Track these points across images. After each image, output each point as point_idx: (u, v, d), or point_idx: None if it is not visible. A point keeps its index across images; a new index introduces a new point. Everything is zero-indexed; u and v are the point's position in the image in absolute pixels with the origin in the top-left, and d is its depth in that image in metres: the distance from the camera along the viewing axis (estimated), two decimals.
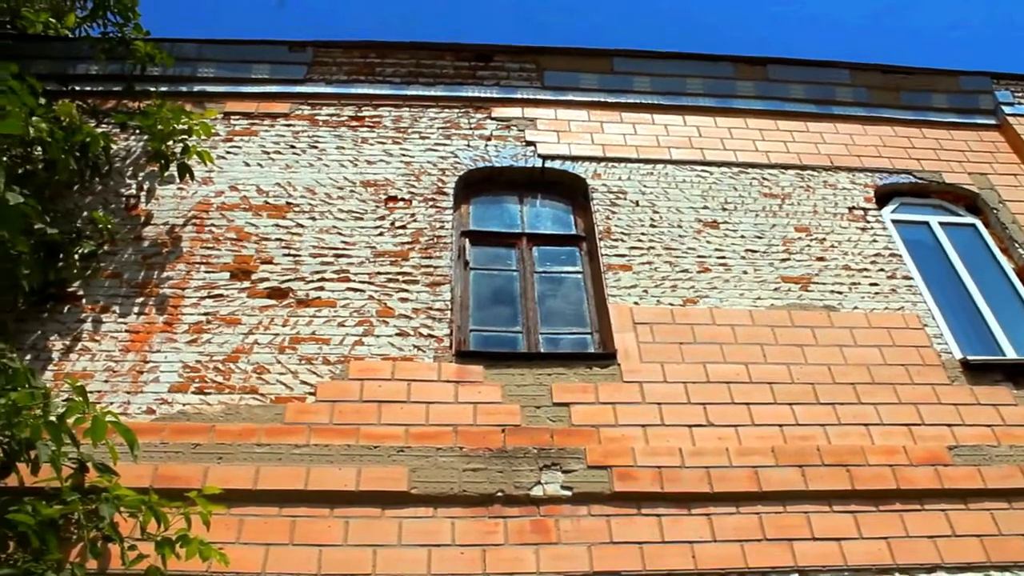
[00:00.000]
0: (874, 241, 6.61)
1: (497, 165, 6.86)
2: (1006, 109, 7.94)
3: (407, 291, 5.79)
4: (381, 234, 6.16)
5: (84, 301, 5.58)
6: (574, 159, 6.95)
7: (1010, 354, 6.06)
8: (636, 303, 5.89)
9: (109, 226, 5.91)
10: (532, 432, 5.05)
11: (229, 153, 6.67)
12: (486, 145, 6.98)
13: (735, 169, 7.03)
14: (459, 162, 6.80)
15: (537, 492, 4.76)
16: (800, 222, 6.67)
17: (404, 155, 6.79)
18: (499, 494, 4.73)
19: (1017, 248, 6.82)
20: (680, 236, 6.42)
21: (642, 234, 6.40)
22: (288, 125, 6.94)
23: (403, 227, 6.23)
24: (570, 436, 5.05)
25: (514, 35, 23.81)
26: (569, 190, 6.90)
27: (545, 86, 7.53)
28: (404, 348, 5.44)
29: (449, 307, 5.73)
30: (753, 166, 7.08)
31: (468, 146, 6.95)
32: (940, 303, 6.32)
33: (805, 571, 4.58)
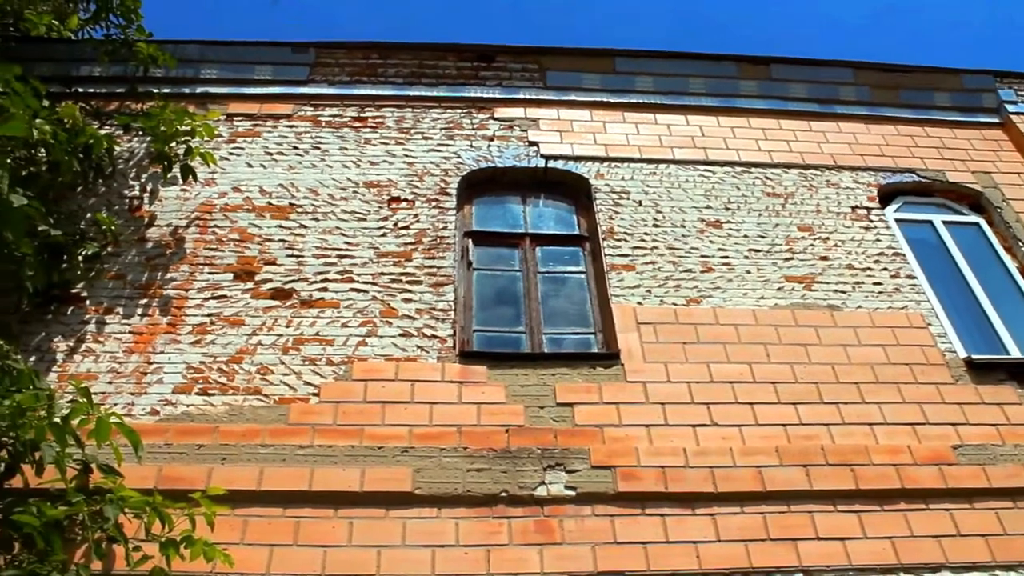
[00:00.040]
0: (877, 240, 6.60)
1: (500, 165, 6.86)
2: (1009, 107, 7.91)
3: (410, 292, 5.79)
4: (384, 235, 6.17)
5: (88, 302, 5.59)
6: (577, 159, 6.95)
7: (1014, 353, 6.04)
8: (639, 303, 5.89)
9: (113, 228, 5.91)
10: (536, 432, 5.05)
11: (232, 154, 6.67)
12: (489, 145, 6.98)
13: (738, 168, 7.03)
14: (462, 162, 6.80)
15: (541, 492, 4.76)
16: (803, 221, 6.66)
17: (407, 156, 6.79)
18: (503, 494, 4.73)
19: (1021, 247, 6.80)
20: (683, 236, 6.41)
21: (645, 234, 6.39)
22: (291, 126, 6.95)
23: (406, 228, 6.23)
24: (574, 436, 5.05)
25: (516, 35, 23.83)
26: (572, 190, 6.89)
27: (548, 86, 7.53)
28: (408, 349, 5.45)
29: (452, 307, 5.73)
30: (756, 165, 7.07)
31: (471, 146, 6.95)
32: (944, 302, 6.30)
33: (809, 571, 4.57)
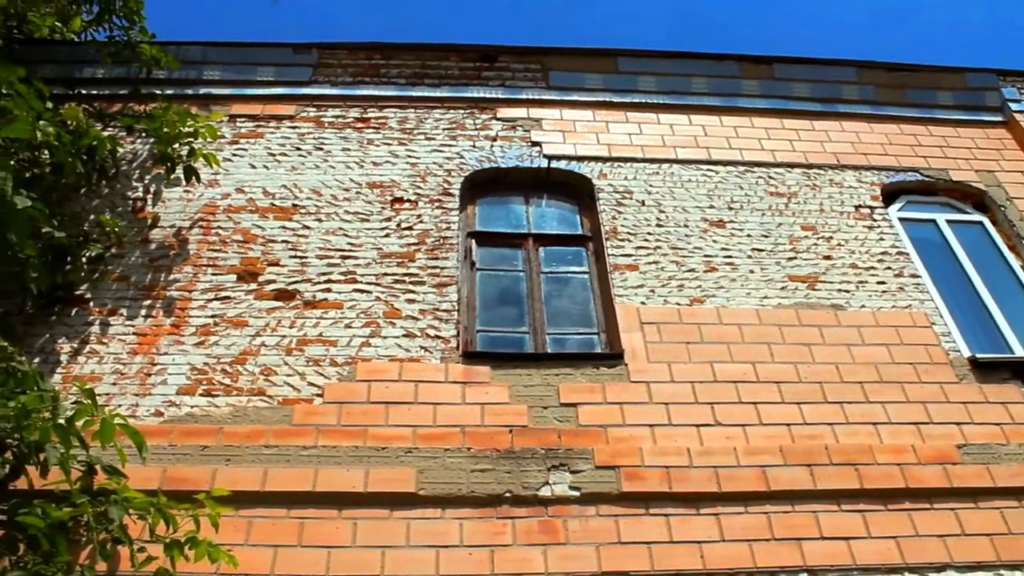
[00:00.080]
0: (881, 239, 6.59)
1: (503, 166, 6.86)
2: (1013, 106, 7.90)
3: (414, 292, 5.79)
4: (387, 235, 6.17)
5: (92, 304, 5.60)
6: (580, 159, 6.94)
7: (1019, 352, 6.03)
8: (643, 303, 5.89)
9: (116, 229, 5.92)
10: (539, 432, 5.05)
11: (235, 155, 6.68)
12: (492, 146, 6.98)
13: (741, 168, 7.02)
14: (465, 163, 6.80)
15: (545, 492, 4.76)
16: (806, 221, 6.66)
17: (410, 156, 6.79)
18: (507, 495, 4.73)
19: None
20: (686, 235, 6.41)
21: (648, 234, 6.39)
22: (294, 127, 6.95)
23: (409, 228, 6.23)
24: (578, 436, 5.04)
25: (518, 35, 23.83)
26: (575, 190, 6.89)
27: (550, 86, 7.52)
28: (411, 349, 5.45)
29: (456, 308, 5.73)
30: (759, 165, 7.07)
31: (474, 147, 6.94)
32: (948, 301, 6.29)
33: (814, 571, 4.56)
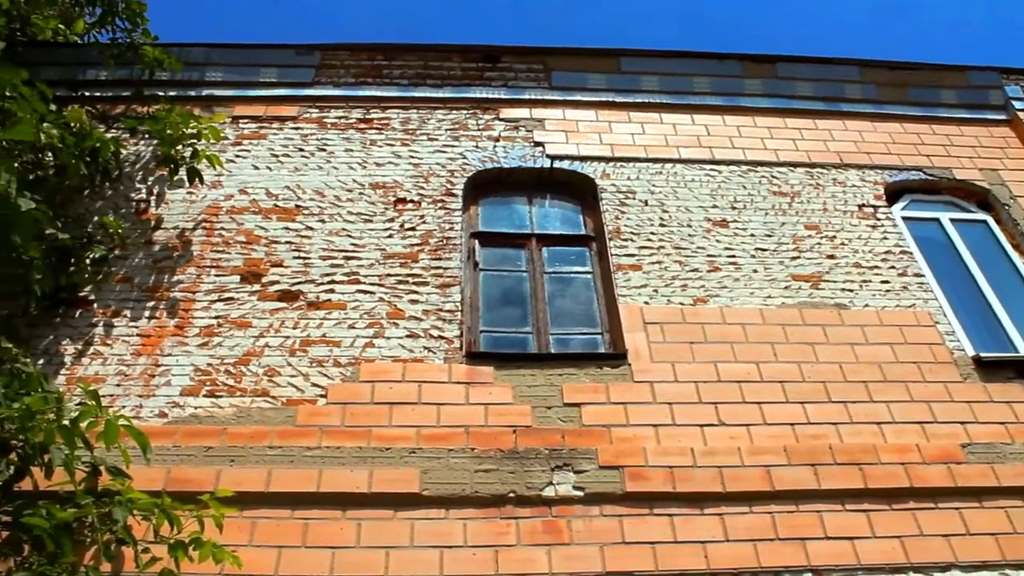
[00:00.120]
0: (884, 238, 6.57)
1: (506, 166, 6.85)
2: (1016, 104, 7.87)
3: (417, 293, 5.79)
4: (390, 236, 6.17)
5: (95, 305, 5.61)
6: (583, 159, 6.94)
7: (1023, 351, 6.01)
8: (646, 303, 5.88)
9: (120, 231, 5.92)
10: (543, 433, 5.05)
11: (238, 157, 6.68)
12: (494, 146, 6.98)
13: (744, 167, 7.01)
14: (468, 163, 6.80)
15: (549, 493, 4.76)
16: (810, 220, 6.65)
17: (413, 157, 6.80)
18: (511, 495, 4.73)
19: None
20: (690, 235, 6.40)
21: (652, 233, 6.39)
22: (296, 128, 6.95)
23: (412, 229, 6.23)
24: (581, 436, 5.04)
25: (520, 36, 23.83)
26: (578, 190, 6.89)
27: (553, 86, 7.51)
28: (415, 350, 5.45)
29: (459, 308, 5.73)
30: (762, 164, 7.06)
31: (476, 147, 6.94)
32: (952, 300, 6.28)
33: (818, 570, 4.56)
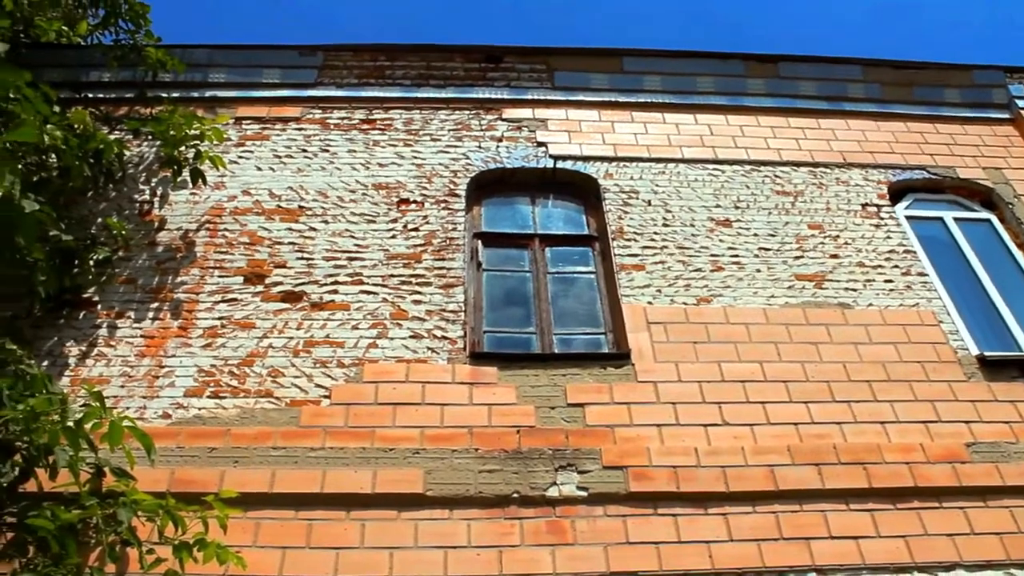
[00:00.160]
0: (888, 238, 6.56)
1: (508, 166, 6.85)
2: (1020, 103, 7.85)
3: (420, 293, 5.79)
4: (394, 236, 6.17)
5: (99, 307, 5.62)
6: (585, 159, 6.94)
7: None
8: (650, 303, 5.88)
9: (123, 232, 5.94)
10: (547, 433, 5.05)
11: (241, 158, 6.69)
12: (497, 146, 6.97)
13: (747, 167, 7.00)
14: (470, 164, 6.80)
15: (553, 493, 4.76)
16: (813, 219, 6.64)
17: (416, 157, 6.80)
18: (515, 495, 4.73)
19: None
20: (693, 235, 6.40)
21: (655, 233, 6.38)
22: (299, 129, 6.96)
23: (415, 229, 6.24)
24: (585, 436, 5.04)
25: (523, 36, 23.83)
26: (581, 190, 6.89)
27: (555, 87, 7.51)
28: (418, 350, 5.45)
29: (462, 309, 5.73)
30: (765, 164, 7.05)
31: (479, 148, 6.94)
32: (956, 299, 6.27)
33: (823, 570, 4.55)
